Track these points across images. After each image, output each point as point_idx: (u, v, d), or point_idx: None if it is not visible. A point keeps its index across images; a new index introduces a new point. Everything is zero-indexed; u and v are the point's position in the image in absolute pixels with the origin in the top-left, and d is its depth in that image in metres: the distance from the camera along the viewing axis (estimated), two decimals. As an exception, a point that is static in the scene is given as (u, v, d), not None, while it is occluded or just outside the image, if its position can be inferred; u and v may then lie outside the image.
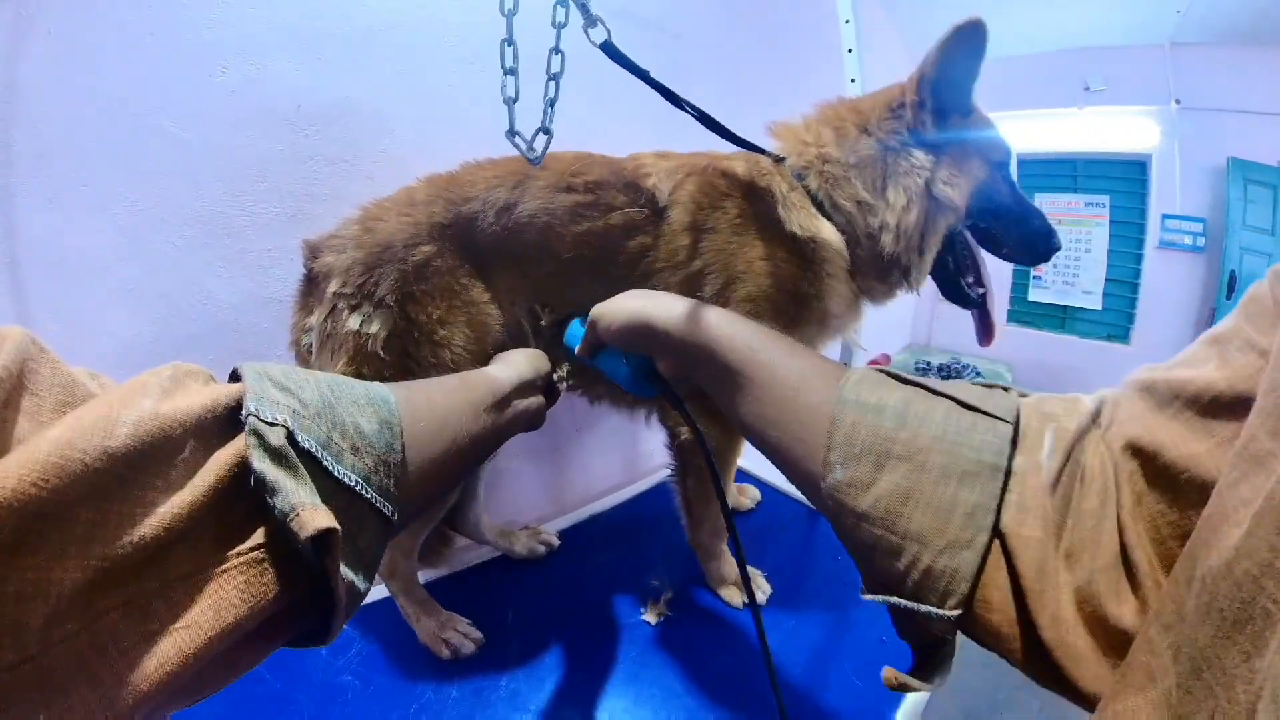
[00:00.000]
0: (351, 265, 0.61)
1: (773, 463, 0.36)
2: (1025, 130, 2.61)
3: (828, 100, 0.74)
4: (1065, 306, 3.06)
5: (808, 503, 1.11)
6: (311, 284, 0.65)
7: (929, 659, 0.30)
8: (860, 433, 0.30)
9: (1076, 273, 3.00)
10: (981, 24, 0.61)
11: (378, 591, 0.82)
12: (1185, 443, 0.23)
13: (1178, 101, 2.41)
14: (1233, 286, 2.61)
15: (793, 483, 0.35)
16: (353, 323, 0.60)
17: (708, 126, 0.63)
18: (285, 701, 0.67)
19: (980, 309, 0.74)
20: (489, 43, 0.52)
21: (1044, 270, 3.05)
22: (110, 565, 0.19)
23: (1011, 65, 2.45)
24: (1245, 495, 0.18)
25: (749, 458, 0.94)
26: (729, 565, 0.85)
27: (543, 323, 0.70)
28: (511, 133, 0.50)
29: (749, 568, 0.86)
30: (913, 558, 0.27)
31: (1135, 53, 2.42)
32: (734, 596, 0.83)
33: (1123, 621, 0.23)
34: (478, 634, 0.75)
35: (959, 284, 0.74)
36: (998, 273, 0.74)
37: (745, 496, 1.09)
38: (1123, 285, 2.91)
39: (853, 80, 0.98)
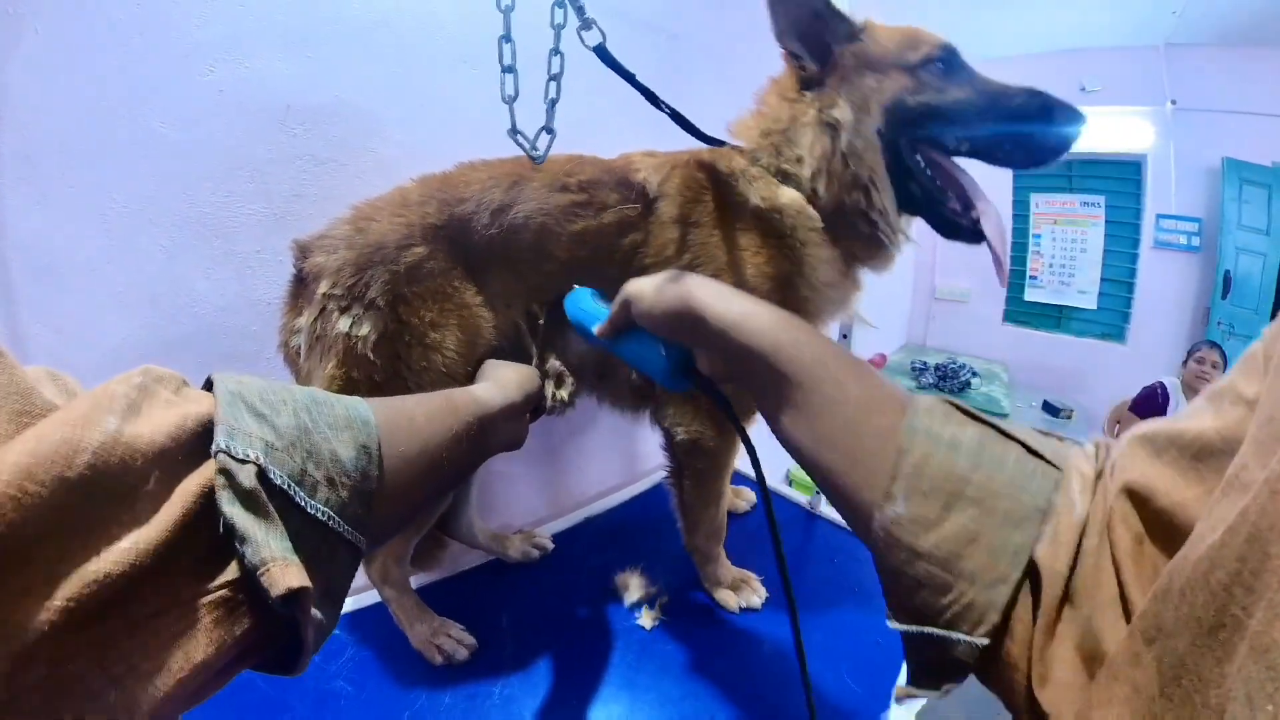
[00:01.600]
0: (342, 266, 0.60)
1: (818, 482, 0.34)
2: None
3: (760, 86, 0.74)
4: (1061, 306, 3.08)
5: (805, 505, 1.12)
6: (301, 285, 0.64)
7: (936, 677, 0.30)
8: (930, 467, 0.28)
9: (1072, 272, 3.02)
10: None
11: (370, 597, 0.81)
12: (1177, 489, 0.24)
13: (1173, 102, 2.42)
14: (1227, 286, 2.62)
15: (837, 506, 0.34)
16: (343, 325, 0.60)
17: (681, 125, 0.64)
18: (278, 707, 0.66)
19: (982, 238, 0.66)
20: (482, 42, 0.52)
21: (1040, 270, 3.06)
22: (76, 605, 0.18)
23: (1007, 66, 2.44)
24: (1223, 514, 0.18)
25: (743, 459, 0.94)
26: (725, 569, 0.84)
27: (541, 321, 0.69)
28: (514, 131, 0.50)
29: (744, 571, 0.86)
30: (959, 594, 0.27)
31: (1131, 54, 2.43)
32: (730, 600, 0.82)
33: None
34: (471, 639, 0.75)
35: (942, 213, 0.67)
36: (992, 271, 0.67)
37: (741, 499, 1.09)
38: (1118, 285, 2.92)
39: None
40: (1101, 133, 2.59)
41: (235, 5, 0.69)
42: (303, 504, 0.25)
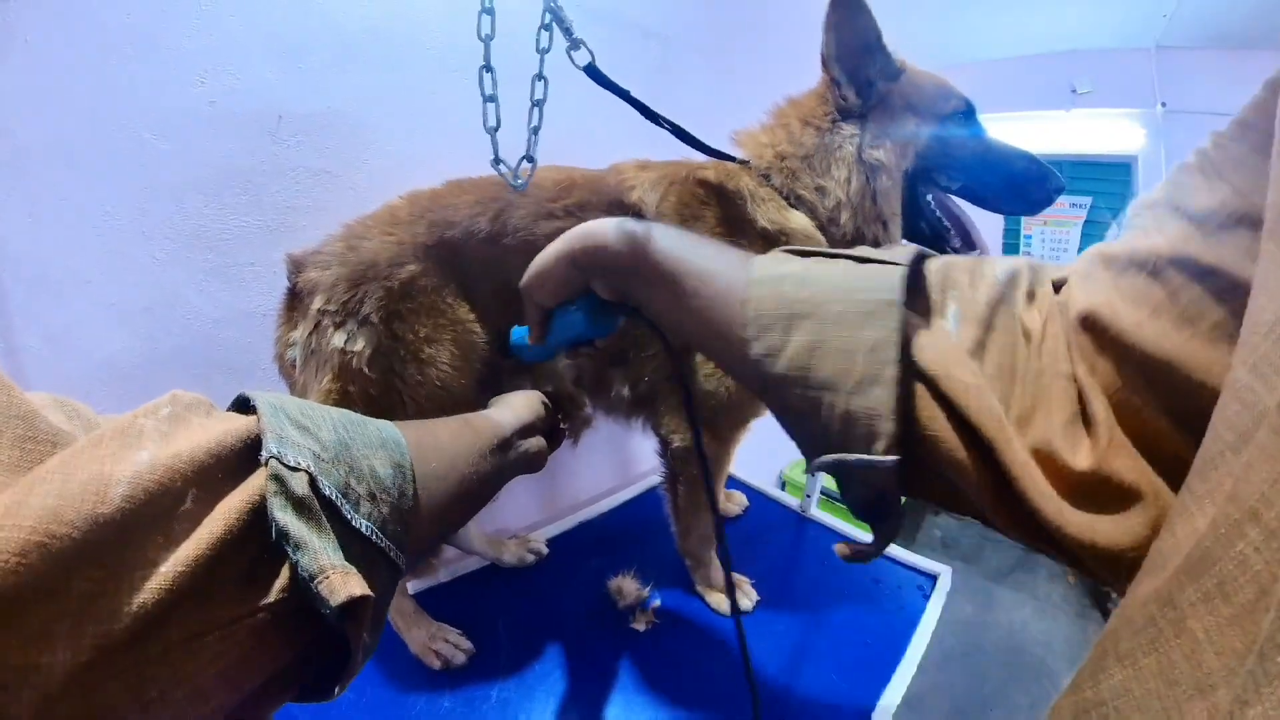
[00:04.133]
0: (336, 282, 0.61)
1: (716, 362, 0.37)
2: (1012, 132, 2.61)
3: (777, 103, 0.76)
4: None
5: (796, 508, 1.13)
6: (295, 299, 0.64)
7: (882, 528, 0.30)
8: (767, 303, 0.30)
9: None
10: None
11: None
12: (1133, 310, 0.24)
13: (1164, 104, 2.43)
14: (1215, 285, 2.64)
15: (732, 374, 0.38)
16: (337, 340, 0.60)
17: (682, 140, 0.64)
18: (278, 714, 0.67)
19: None
20: (475, 52, 0.52)
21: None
22: (108, 642, 0.17)
23: (998, 68, 2.46)
24: (1228, 438, 0.17)
25: (738, 465, 0.95)
26: (718, 573, 0.86)
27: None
28: (496, 161, 0.50)
29: (735, 575, 0.87)
30: (829, 406, 0.27)
31: (1121, 56, 2.44)
32: (723, 604, 0.84)
33: (1079, 465, 0.24)
34: (468, 644, 0.76)
35: (944, 251, 0.71)
36: None
37: (733, 502, 1.10)
38: (1108, 284, 2.94)
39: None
40: (1092, 135, 2.60)
41: (226, 16, 0.69)
42: (349, 517, 0.24)
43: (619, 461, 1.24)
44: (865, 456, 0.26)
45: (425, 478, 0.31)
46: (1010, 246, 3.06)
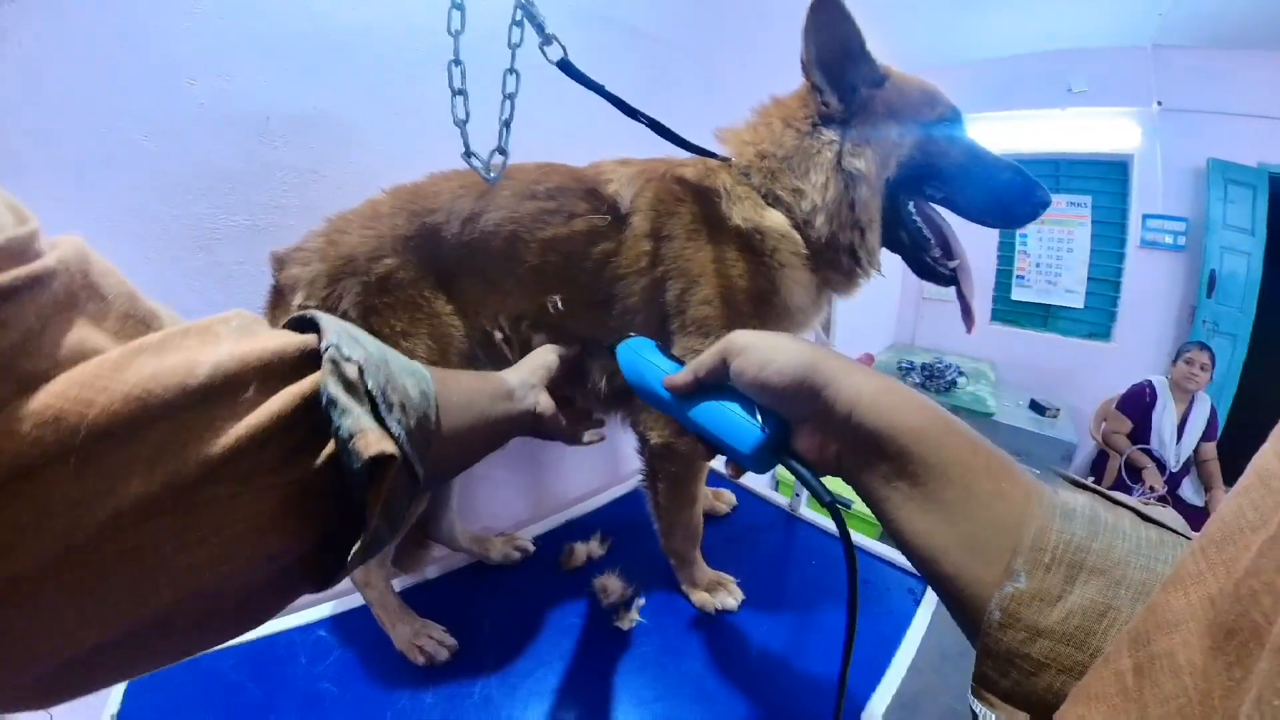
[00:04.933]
0: (316, 278, 0.62)
1: (922, 566, 0.31)
2: (1009, 131, 2.63)
3: (761, 102, 0.75)
4: (1048, 305, 3.10)
5: (785, 507, 1.13)
6: (279, 296, 0.65)
7: None
8: (1049, 539, 0.26)
9: (1059, 272, 3.04)
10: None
11: (354, 599, 0.83)
12: None
13: (1159, 103, 2.43)
14: (1213, 285, 2.65)
15: (943, 592, 0.30)
16: None
17: (661, 135, 0.64)
18: (265, 709, 0.68)
19: (954, 283, 0.71)
20: (462, 52, 0.52)
21: (1026, 269, 3.08)
22: (176, 481, 0.20)
23: (995, 67, 2.46)
24: (1250, 517, 0.18)
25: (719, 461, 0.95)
26: (702, 571, 0.86)
27: (552, 311, 0.69)
28: (467, 154, 0.51)
29: (721, 573, 0.88)
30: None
31: (1118, 55, 2.44)
32: (706, 602, 0.84)
33: None
34: (452, 641, 0.76)
35: (923, 259, 0.71)
36: (979, 271, 0.72)
37: (720, 501, 1.10)
38: (1105, 284, 2.94)
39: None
40: (1088, 133, 2.60)
41: (215, 17, 0.69)
42: (384, 415, 0.26)
43: (606, 460, 1.25)
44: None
45: (446, 408, 0.34)
46: (1006, 245, 3.06)
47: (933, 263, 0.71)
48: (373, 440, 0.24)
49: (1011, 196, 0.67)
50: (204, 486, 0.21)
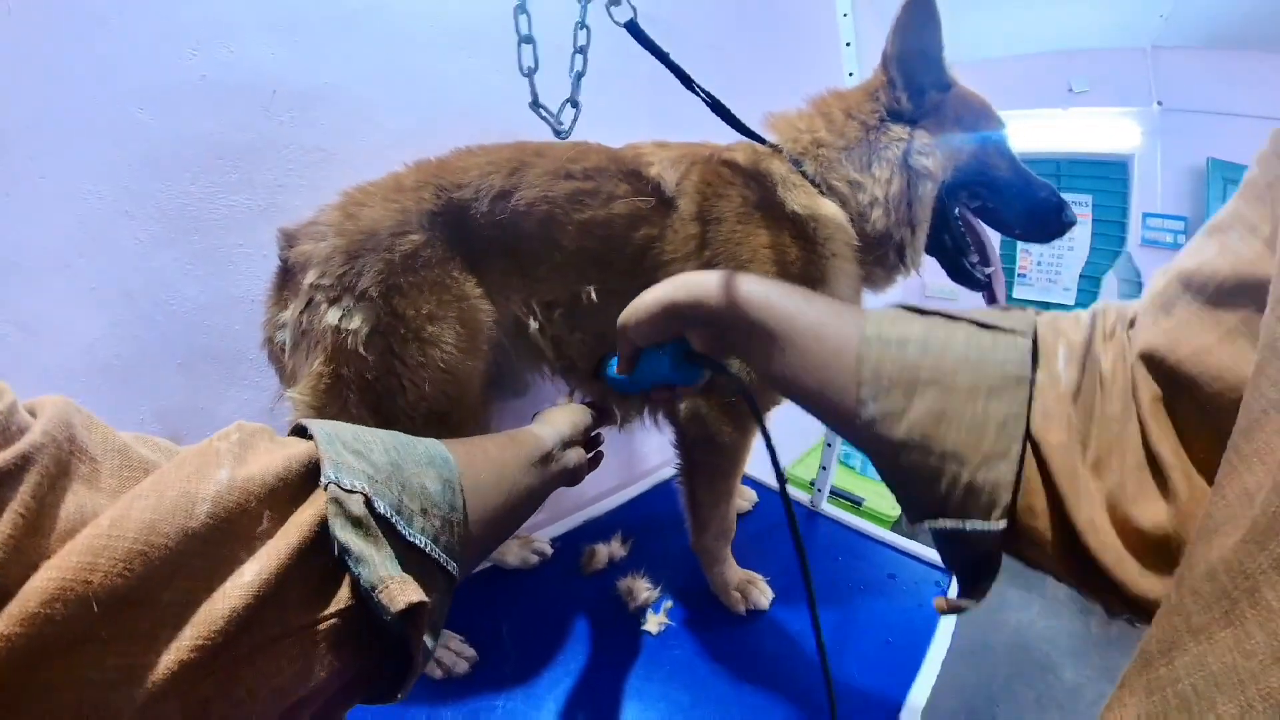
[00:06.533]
0: (331, 254, 0.57)
1: (811, 413, 0.36)
2: (1009, 130, 2.64)
3: (819, 93, 0.77)
4: (1049, 303, 3.11)
5: (808, 505, 1.10)
6: (287, 275, 0.60)
7: (974, 580, 0.31)
8: (887, 366, 0.30)
9: (1059, 270, 3.05)
10: None
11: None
12: (1193, 337, 0.24)
13: (1159, 103, 2.45)
14: (1211, 284, 2.67)
15: (831, 427, 0.37)
16: (331, 317, 0.56)
17: (717, 113, 0.63)
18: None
19: (987, 289, 0.75)
20: (478, 25, 0.49)
21: (1029, 268, 3.09)
22: (207, 643, 0.19)
23: (996, 67, 2.47)
24: (1272, 395, 0.18)
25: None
26: (732, 570, 0.82)
27: (592, 298, 0.67)
28: (535, 104, 0.49)
29: (750, 572, 0.84)
30: (953, 476, 0.28)
31: (1118, 55, 2.46)
32: (737, 602, 0.80)
33: (1148, 521, 0.24)
34: (470, 651, 0.72)
35: (961, 263, 0.74)
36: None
37: (742, 498, 1.07)
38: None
39: (850, 74, 0.96)
40: (1089, 133, 2.62)
41: (219, -15, 0.66)
42: (404, 532, 0.26)
43: (625, 456, 1.21)
44: (984, 525, 0.27)
45: (474, 490, 0.33)
46: (1009, 244, 3.08)
47: (970, 268, 0.74)
48: (396, 592, 0.23)
49: (1047, 213, 0.71)
50: (237, 644, 0.20)
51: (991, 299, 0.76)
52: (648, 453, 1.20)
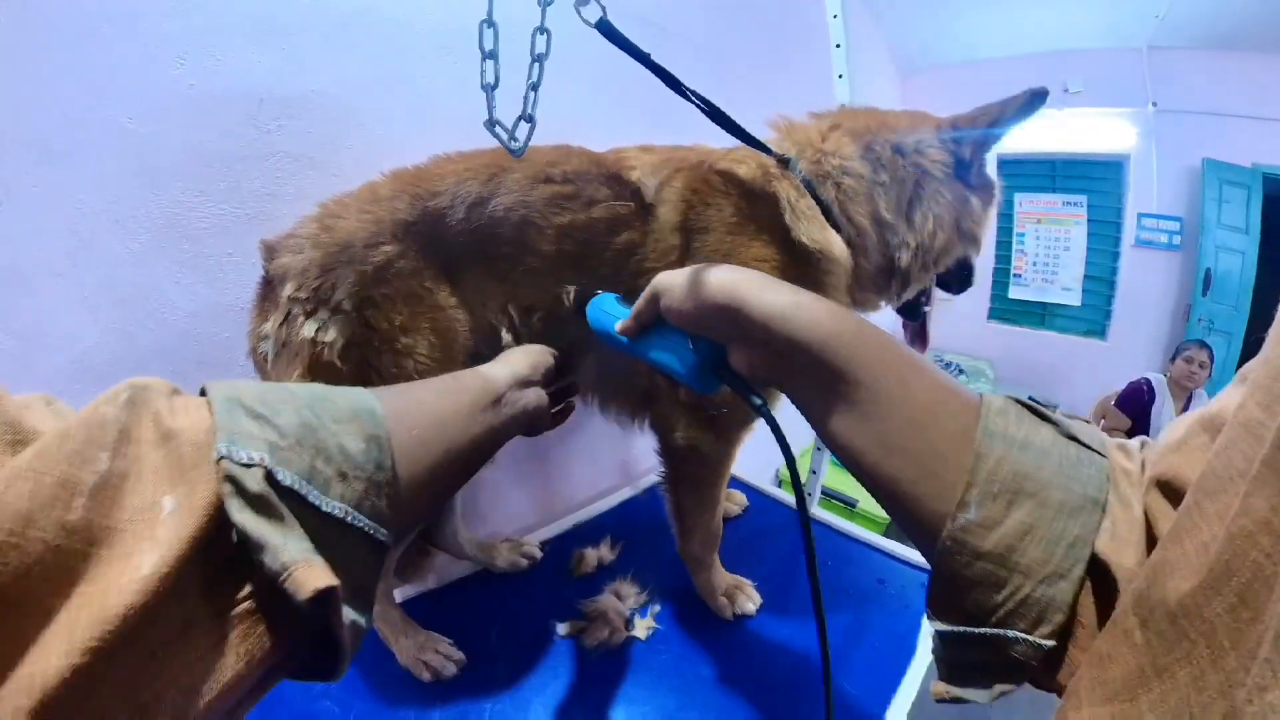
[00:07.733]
0: (307, 267, 0.57)
1: (876, 490, 0.31)
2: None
3: (849, 108, 0.75)
4: (1045, 303, 3.12)
5: (793, 506, 1.10)
6: (269, 287, 0.61)
7: (1003, 689, 0.29)
8: (1003, 470, 0.27)
9: (1055, 270, 3.05)
10: (1045, 93, 0.65)
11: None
12: (1199, 465, 0.24)
13: (1155, 104, 2.45)
14: (1208, 283, 2.68)
15: (896, 514, 0.31)
16: (308, 330, 0.56)
17: (712, 119, 0.59)
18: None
19: (921, 320, 0.81)
20: (466, 31, 0.49)
21: (1024, 268, 3.09)
22: (100, 644, 0.17)
23: (991, 67, 2.47)
24: (1239, 465, 0.19)
25: (736, 463, 0.93)
26: (720, 576, 0.83)
27: (567, 304, 0.65)
28: (491, 122, 0.47)
29: (738, 577, 0.84)
30: (1014, 589, 0.26)
31: (1113, 56, 2.46)
32: (725, 608, 0.81)
33: None
34: (459, 654, 0.72)
35: (917, 301, 0.78)
36: (978, 270, 0.78)
37: (732, 502, 1.07)
38: (1101, 282, 2.97)
39: (840, 76, 0.96)
40: (1084, 134, 2.62)
41: (206, -6, 0.66)
42: (317, 502, 0.24)
43: (615, 460, 1.21)
44: (1027, 636, 0.26)
45: (406, 445, 0.30)
46: (1004, 245, 3.08)
47: (921, 303, 0.79)
48: (302, 578, 0.21)
49: (972, 271, 0.78)
50: (136, 643, 0.18)
51: (922, 330, 0.82)
52: (638, 457, 1.20)
